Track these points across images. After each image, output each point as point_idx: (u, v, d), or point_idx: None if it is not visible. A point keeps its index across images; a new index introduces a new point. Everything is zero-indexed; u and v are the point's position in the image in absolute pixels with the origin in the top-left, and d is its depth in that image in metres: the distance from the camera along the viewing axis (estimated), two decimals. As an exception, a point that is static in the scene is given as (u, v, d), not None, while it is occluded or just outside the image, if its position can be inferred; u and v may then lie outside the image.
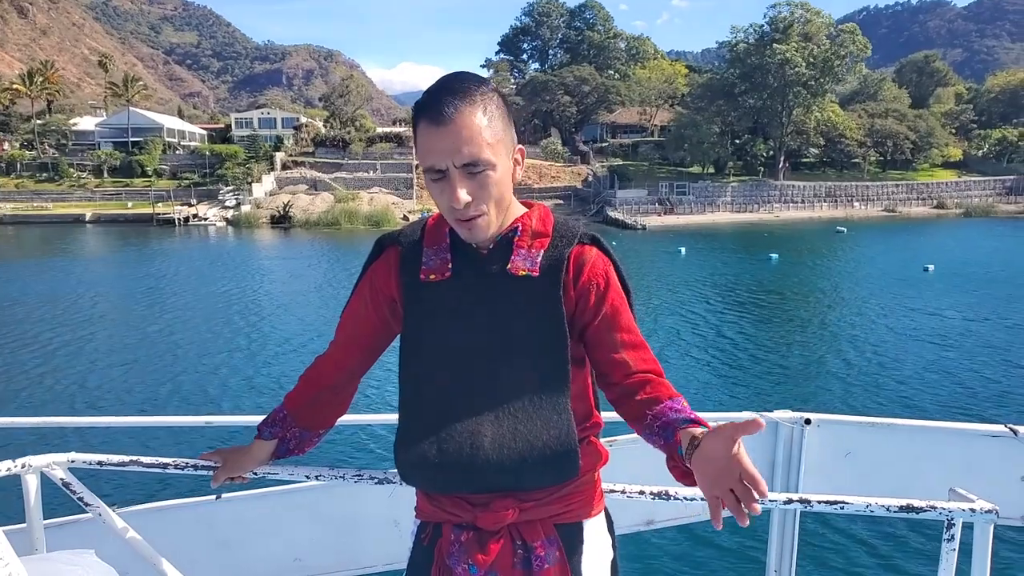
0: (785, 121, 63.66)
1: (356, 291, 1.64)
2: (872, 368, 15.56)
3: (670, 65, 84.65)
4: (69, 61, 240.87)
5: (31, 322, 21.54)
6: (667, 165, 70.12)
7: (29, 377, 15.72)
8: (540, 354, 1.47)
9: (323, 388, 1.68)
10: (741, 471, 1.16)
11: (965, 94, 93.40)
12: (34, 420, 2.39)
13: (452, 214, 1.42)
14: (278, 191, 64.66)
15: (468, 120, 1.37)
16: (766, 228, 52.94)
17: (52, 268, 34.32)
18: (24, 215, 59.56)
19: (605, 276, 1.50)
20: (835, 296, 24.45)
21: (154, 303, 24.68)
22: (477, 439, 1.45)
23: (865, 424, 2.41)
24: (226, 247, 46.62)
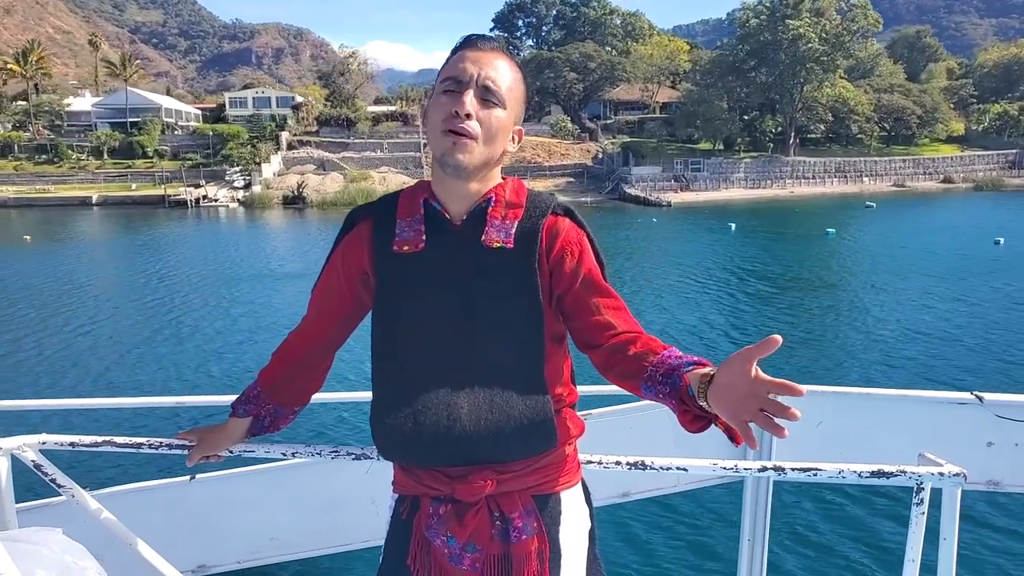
0: (797, 97, 64.00)
1: (328, 264, 1.62)
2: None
3: (671, 41, 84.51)
4: (34, 40, 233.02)
5: (58, 306, 21.20)
6: (676, 142, 70.25)
7: (16, 362, 15.47)
8: (515, 326, 1.48)
9: (296, 364, 1.68)
10: (768, 388, 1.12)
11: (956, 69, 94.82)
12: (1, 403, 2.35)
13: (446, 123, 1.42)
14: (286, 171, 63.74)
15: (504, 62, 1.47)
16: (787, 204, 53.39)
17: (77, 251, 33.61)
18: (29, 198, 58.04)
19: (579, 244, 1.51)
20: (914, 272, 24.70)
21: (178, 286, 24.23)
22: (454, 411, 1.46)
23: (836, 394, 2.46)
24: (244, 228, 46.03)
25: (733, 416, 1.16)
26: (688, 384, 1.27)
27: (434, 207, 1.53)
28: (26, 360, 15.54)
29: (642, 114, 78.87)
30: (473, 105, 1.41)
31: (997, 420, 2.34)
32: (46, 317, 19.60)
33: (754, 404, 1.14)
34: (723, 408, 1.18)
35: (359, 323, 1.66)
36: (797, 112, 64.94)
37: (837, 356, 14.79)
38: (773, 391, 1.13)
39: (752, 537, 2.46)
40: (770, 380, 1.13)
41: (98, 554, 1.76)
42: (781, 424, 1.13)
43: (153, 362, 15.19)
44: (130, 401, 2.64)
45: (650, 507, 7.86)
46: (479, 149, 1.43)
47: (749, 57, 65.30)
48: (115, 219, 49.98)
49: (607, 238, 34.83)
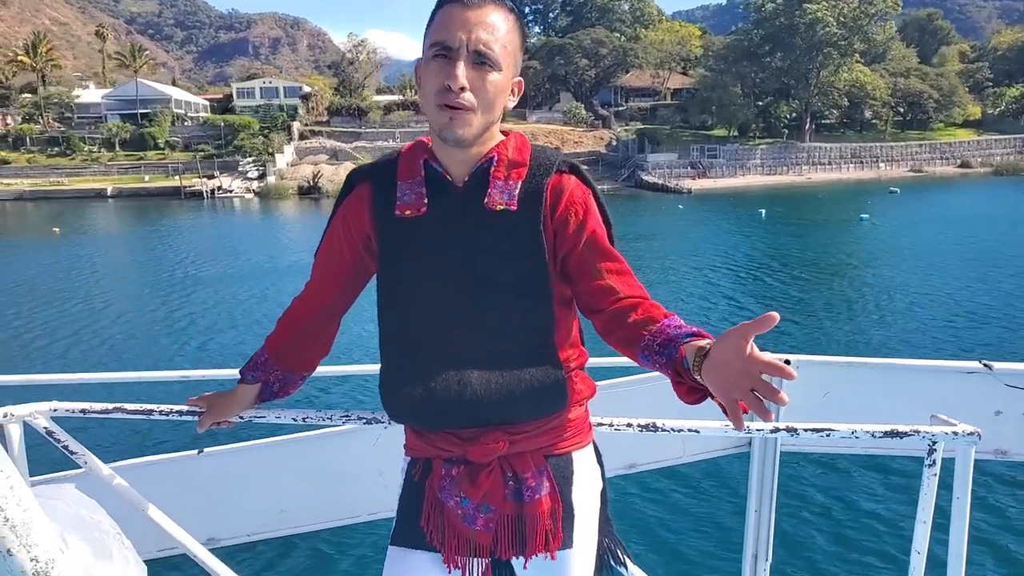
0: (813, 82, 63.62)
1: (329, 229, 1.59)
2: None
3: (682, 27, 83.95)
4: (31, 32, 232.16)
5: (95, 293, 21.35)
6: (689, 128, 69.92)
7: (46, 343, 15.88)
8: (522, 288, 1.45)
9: (301, 330, 1.66)
10: (761, 367, 1.10)
11: (969, 52, 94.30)
12: (7, 378, 2.34)
13: (441, 97, 1.35)
14: (299, 161, 63.50)
15: (496, 13, 1.36)
16: (807, 190, 53.18)
17: (105, 242, 33.52)
18: (44, 191, 57.78)
19: (584, 204, 1.46)
20: (954, 256, 24.54)
21: (199, 275, 24.21)
22: (464, 375, 1.45)
23: (843, 364, 2.46)
24: (261, 219, 45.99)
25: (724, 393, 1.14)
26: (684, 356, 1.25)
27: (435, 169, 1.48)
28: (56, 343, 15.82)
29: (654, 101, 78.44)
30: (467, 75, 1.33)
31: (1006, 389, 2.32)
32: (82, 304, 19.75)
33: (745, 383, 1.11)
34: (714, 384, 1.16)
35: (363, 287, 1.64)
36: (813, 97, 64.58)
37: (885, 336, 14.82)
38: (766, 372, 1.10)
39: (759, 507, 2.45)
40: (764, 360, 1.10)
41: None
42: (769, 407, 1.10)
43: (173, 345, 15.45)
44: (141, 375, 2.66)
45: (656, 479, 7.89)
46: (478, 119, 1.37)
47: (764, 42, 64.88)
48: (132, 211, 49.77)
49: (634, 226, 34.66)
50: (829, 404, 2.40)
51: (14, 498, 0.64)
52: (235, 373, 1.76)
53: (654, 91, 79.75)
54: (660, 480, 7.92)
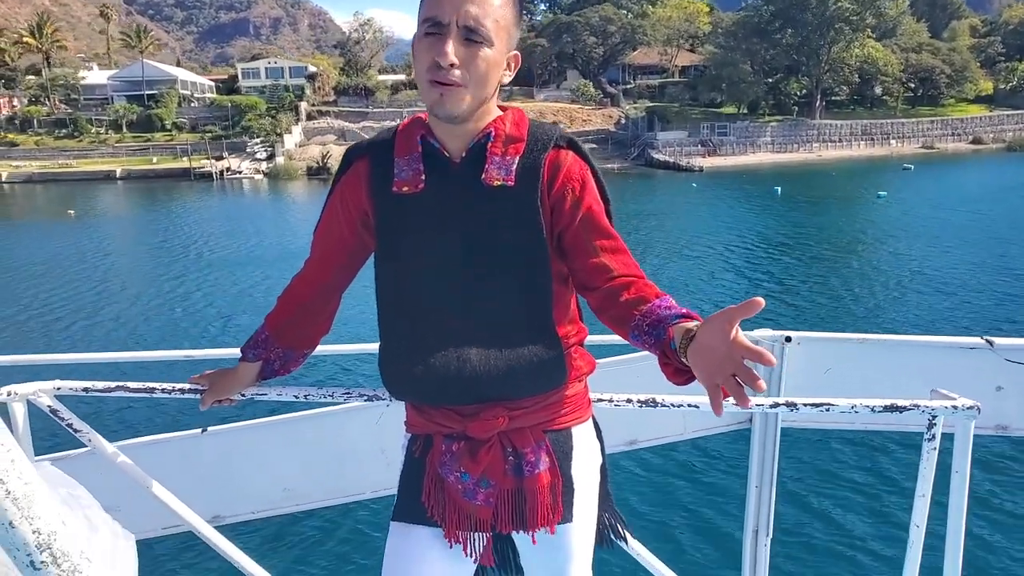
0: (824, 58, 63.04)
1: (327, 207, 1.59)
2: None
3: (690, 3, 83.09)
4: (31, 13, 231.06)
5: (110, 274, 21.46)
6: (698, 106, 69.44)
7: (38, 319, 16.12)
8: (520, 263, 1.44)
9: (301, 307, 1.66)
10: (743, 353, 1.10)
11: (980, 27, 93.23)
12: (9, 358, 2.35)
13: (431, 74, 1.34)
14: (307, 142, 63.33)
15: None
16: (818, 167, 52.92)
17: (119, 225, 33.52)
18: (53, 173, 57.70)
19: (581, 180, 1.46)
20: (973, 233, 24.42)
21: (209, 255, 24.42)
22: (463, 352, 1.45)
23: (844, 340, 2.45)
24: (271, 200, 45.98)
25: (707, 378, 1.14)
26: (671, 337, 1.25)
27: (432, 145, 1.47)
28: (65, 323, 16.02)
29: (662, 78, 77.84)
30: (457, 51, 1.32)
31: (1007, 364, 2.31)
32: (94, 285, 19.98)
33: (728, 368, 1.11)
34: (699, 367, 1.16)
35: (362, 264, 1.63)
36: (824, 74, 64.02)
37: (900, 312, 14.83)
38: (748, 357, 1.09)
39: (760, 483, 2.45)
40: (747, 345, 1.10)
41: (115, 502, 1.76)
42: (747, 393, 1.11)
43: (180, 325, 15.66)
44: (144, 354, 2.75)
45: (657, 456, 7.93)
46: (469, 95, 1.36)
47: (774, 18, 64.21)
48: (142, 193, 49.74)
49: (649, 204, 34.59)
50: (830, 381, 2.41)
51: (15, 471, 0.66)
52: (237, 352, 1.75)
53: (662, 68, 79.10)
54: (661, 456, 7.99)
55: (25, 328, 15.74)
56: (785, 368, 2.37)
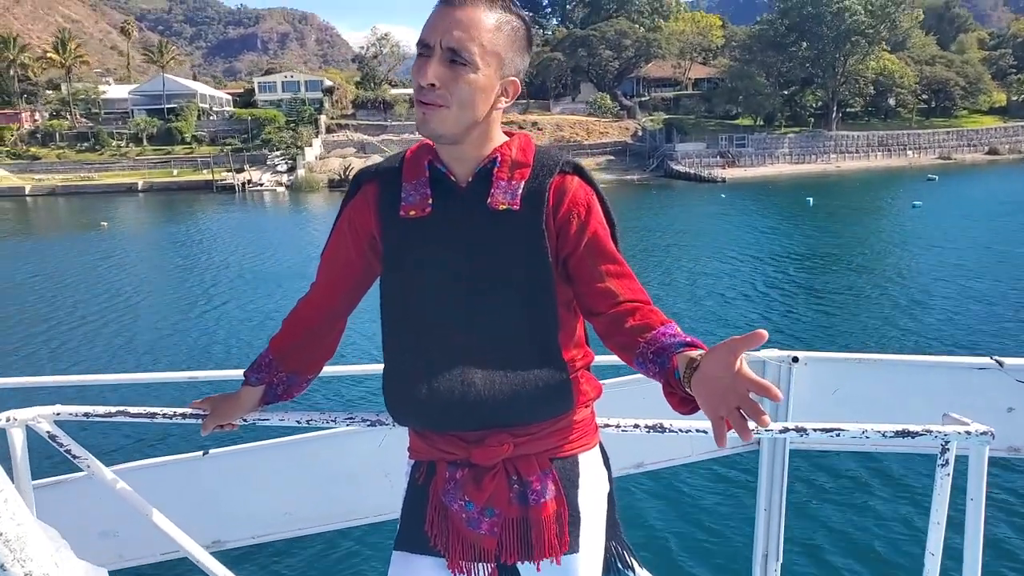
0: (840, 71, 63.44)
1: (335, 230, 1.60)
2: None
3: (703, 17, 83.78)
4: (44, 30, 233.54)
5: (142, 286, 21.54)
6: (714, 118, 69.87)
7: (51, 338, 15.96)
8: (526, 288, 1.44)
9: (307, 331, 1.65)
10: (748, 386, 1.08)
11: (988, 40, 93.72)
12: (9, 380, 2.34)
13: (417, 94, 1.38)
14: (327, 154, 63.80)
15: (475, 13, 1.35)
16: (840, 178, 53.19)
17: (152, 236, 33.78)
18: (76, 185, 58.20)
19: (587, 205, 1.46)
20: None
21: (234, 270, 24.25)
22: (468, 376, 1.44)
23: (852, 360, 2.42)
24: (294, 212, 46.24)
25: (711, 410, 1.13)
26: (675, 367, 1.24)
27: (439, 169, 1.49)
28: (75, 341, 15.87)
29: (675, 91, 78.34)
30: (439, 73, 1.34)
31: (1018, 385, 2.25)
32: (109, 301, 19.88)
33: (732, 400, 1.10)
34: (702, 398, 1.15)
35: (368, 288, 1.63)
36: (840, 86, 64.39)
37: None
38: (753, 390, 1.08)
39: (768, 507, 2.41)
40: (752, 378, 1.08)
41: (113, 527, 1.79)
42: (751, 426, 1.09)
43: (191, 345, 15.49)
44: (146, 376, 2.72)
45: (664, 478, 7.80)
46: (453, 117, 1.37)
47: (789, 31, 64.67)
48: (164, 205, 50.11)
49: (681, 216, 34.78)
50: (838, 401, 2.38)
51: (7, 512, 0.63)
52: (241, 374, 1.73)
53: (675, 81, 79.61)
54: (668, 479, 7.87)
55: (33, 344, 15.64)
56: (792, 389, 2.34)
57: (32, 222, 45.02)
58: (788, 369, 2.34)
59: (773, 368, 2.38)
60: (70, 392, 9.12)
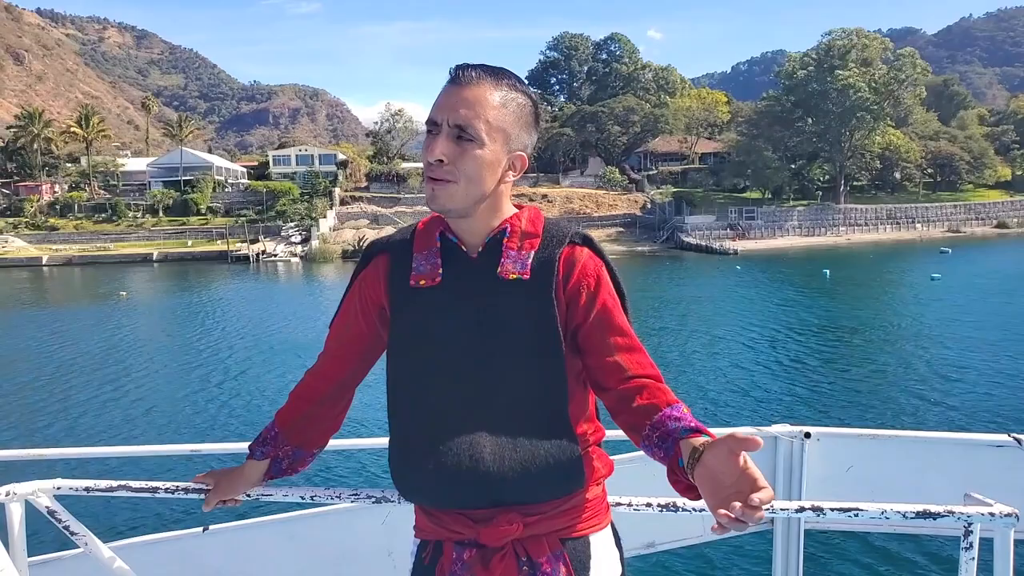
0: (846, 145, 64.63)
1: (345, 300, 1.59)
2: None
3: (709, 94, 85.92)
4: (64, 106, 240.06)
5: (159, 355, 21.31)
6: (721, 191, 70.85)
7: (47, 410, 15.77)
8: (536, 359, 1.42)
9: (314, 403, 1.62)
10: (750, 487, 1.10)
11: (987, 116, 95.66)
12: (9, 453, 2.30)
13: (426, 170, 1.41)
14: (340, 226, 64.58)
15: (481, 91, 1.38)
16: (851, 251, 53.48)
17: (170, 306, 33.88)
18: (92, 256, 58.81)
19: (596, 276, 1.45)
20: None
21: (250, 340, 24.20)
22: (476, 451, 1.40)
23: (866, 436, 2.36)
24: (307, 282, 46.51)
25: (712, 504, 1.15)
26: (680, 454, 1.25)
27: (450, 239, 1.49)
28: (82, 412, 15.72)
29: (682, 164, 79.76)
30: (446, 149, 1.37)
31: None
32: (121, 372, 19.80)
33: (733, 497, 1.11)
34: (704, 491, 1.17)
35: (377, 359, 1.61)
36: (847, 160, 65.49)
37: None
38: (754, 491, 1.10)
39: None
40: (754, 479, 1.11)
41: None
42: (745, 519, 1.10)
43: (204, 414, 15.38)
44: (149, 448, 2.62)
45: (676, 558, 7.58)
46: (461, 191, 1.39)
47: (795, 107, 66.20)
48: (180, 275, 50.47)
49: (697, 287, 34.83)
50: (853, 479, 2.32)
51: None
52: (244, 447, 1.70)
53: (682, 155, 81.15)
54: (680, 560, 7.64)
55: (45, 414, 15.56)
56: (805, 465, 2.29)
57: (49, 291, 45.28)
58: (800, 445, 2.30)
59: (785, 444, 2.32)
60: (73, 464, 8.68)
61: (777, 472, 2.33)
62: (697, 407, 14.90)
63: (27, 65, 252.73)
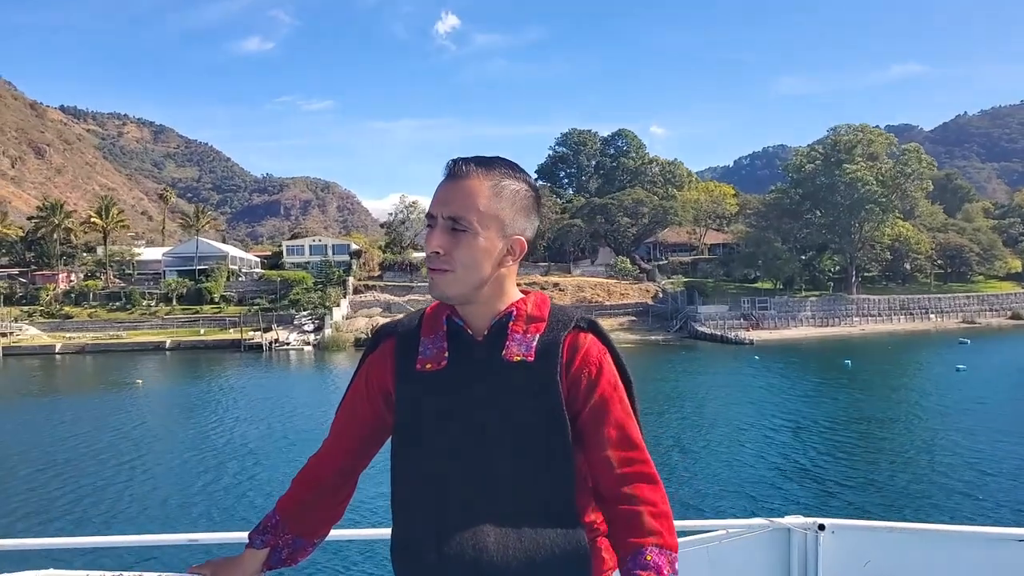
0: (856, 237, 65.30)
1: (352, 386, 1.59)
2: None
3: (716, 187, 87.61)
4: (81, 197, 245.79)
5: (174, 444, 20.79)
6: (732, 281, 71.23)
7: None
8: (540, 442, 1.41)
9: (317, 489, 1.61)
10: None
11: (992, 209, 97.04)
12: (8, 542, 2.25)
13: (427, 262, 1.45)
14: (353, 314, 64.78)
15: (473, 184, 1.42)
16: (867, 341, 53.21)
17: (184, 394, 33.58)
18: (105, 343, 58.77)
19: (598, 364, 1.45)
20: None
21: (253, 433, 23.88)
22: (480, 540, 1.38)
23: (883, 529, 2.25)
24: (319, 371, 46.24)
25: None
26: None
27: (456, 323, 1.50)
28: (91, 499, 15.56)
29: (689, 255, 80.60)
30: (442, 241, 1.41)
31: None
32: (124, 460, 19.57)
33: None
34: None
35: (381, 446, 1.59)
36: (857, 251, 66.02)
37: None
38: None
39: None
40: None
41: None
42: None
43: (211, 502, 15.21)
44: (147, 538, 2.59)
45: None
46: (459, 279, 1.42)
47: (803, 200, 67.26)
48: (192, 363, 50.26)
49: (715, 378, 34.44)
50: (870, 575, 2.23)
51: None
52: (244, 536, 1.66)
53: (691, 246, 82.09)
54: None
55: (48, 503, 15.39)
56: (821, 560, 2.19)
57: (61, 379, 45.04)
58: (815, 538, 2.20)
59: (798, 536, 2.22)
60: (73, 553, 8.70)
61: (792, 566, 2.23)
62: (709, 495, 14.86)
63: (48, 159, 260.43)
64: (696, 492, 15.08)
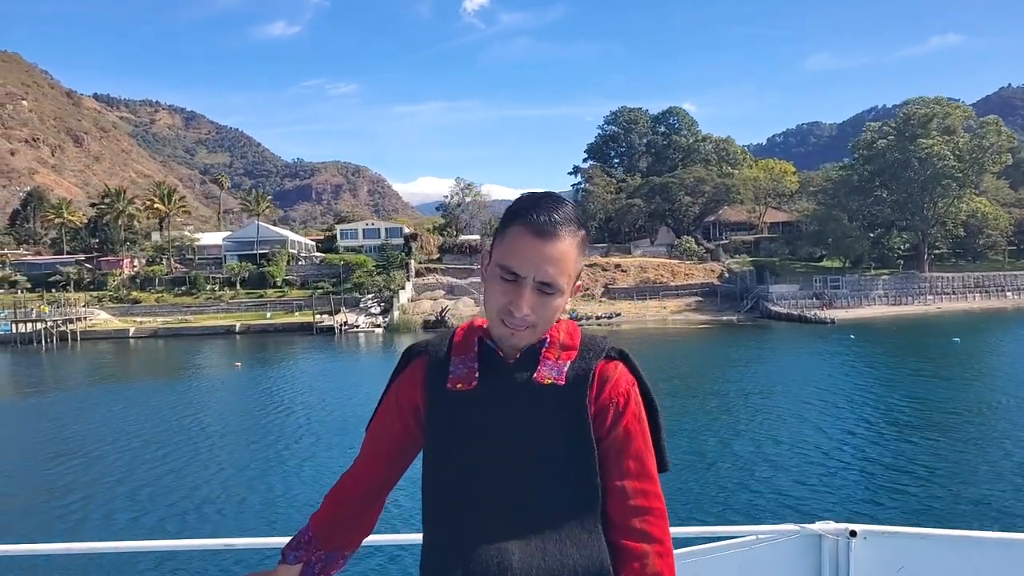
0: (930, 213, 63.70)
1: (382, 402, 1.60)
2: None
3: (776, 164, 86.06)
4: (119, 184, 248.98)
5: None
6: (797, 260, 70.03)
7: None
8: (567, 465, 1.43)
9: (349, 505, 1.62)
10: None
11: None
12: (46, 547, 2.25)
13: (503, 315, 1.43)
14: (417, 297, 64.78)
15: (564, 246, 1.42)
16: (949, 319, 51.97)
17: (281, 375, 33.61)
18: (175, 328, 59.39)
19: (626, 395, 1.47)
20: None
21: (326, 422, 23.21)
22: (505, 558, 1.40)
23: (915, 536, 2.20)
24: (395, 352, 45.93)
25: None
26: None
27: (488, 345, 1.51)
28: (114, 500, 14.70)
29: (749, 234, 79.36)
30: (532, 299, 1.41)
31: None
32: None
33: None
34: None
35: (411, 462, 1.61)
36: (930, 228, 64.42)
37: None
38: None
39: None
40: None
41: None
42: None
43: (273, 501, 14.42)
44: (182, 543, 2.54)
45: None
46: (538, 332, 1.46)
47: (873, 176, 65.70)
48: (266, 346, 50.46)
49: (825, 359, 33.63)
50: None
51: None
52: (279, 541, 1.66)
53: (751, 225, 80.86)
54: None
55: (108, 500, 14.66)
56: (852, 567, 2.14)
57: (152, 362, 45.49)
58: (846, 544, 2.16)
59: (829, 543, 2.18)
60: (114, 557, 8.29)
61: (823, 573, 2.20)
62: (785, 494, 13.47)
63: (86, 147, 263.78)
64: (748, 491, 13.65)
